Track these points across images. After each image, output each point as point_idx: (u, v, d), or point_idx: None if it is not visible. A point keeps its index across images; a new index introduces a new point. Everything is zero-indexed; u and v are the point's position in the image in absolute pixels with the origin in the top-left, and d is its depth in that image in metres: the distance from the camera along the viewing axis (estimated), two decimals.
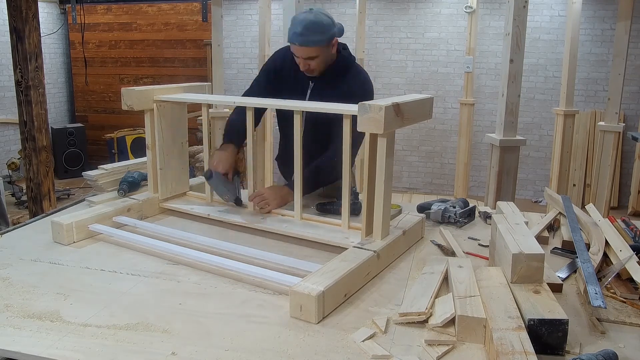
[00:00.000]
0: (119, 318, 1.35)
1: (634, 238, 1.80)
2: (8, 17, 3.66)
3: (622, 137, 5.83)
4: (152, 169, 2.17)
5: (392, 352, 1.20)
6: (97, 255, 1.76)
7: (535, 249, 1.39)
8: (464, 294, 1.34)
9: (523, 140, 3.28)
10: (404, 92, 6.88)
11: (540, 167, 6.75)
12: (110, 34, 7.74)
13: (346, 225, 1.85)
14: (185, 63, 7.55)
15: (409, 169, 7.20)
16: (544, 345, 1.19)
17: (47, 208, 3.81)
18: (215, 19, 4.77)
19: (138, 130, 7.21)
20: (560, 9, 6.36)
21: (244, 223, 1.97)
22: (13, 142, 7.12)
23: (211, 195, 2.18)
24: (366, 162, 1.67)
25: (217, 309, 1.41)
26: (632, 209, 5.86)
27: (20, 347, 1.22)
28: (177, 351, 1.20)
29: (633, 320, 1.35)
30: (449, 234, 1.95)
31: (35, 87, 3.73)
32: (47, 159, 3.86)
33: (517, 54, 3.10)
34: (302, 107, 1.88)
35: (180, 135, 2.23)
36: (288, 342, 1.25)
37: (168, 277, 1.60)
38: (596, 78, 6.43)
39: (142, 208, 2.12)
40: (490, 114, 6.68)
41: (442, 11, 6.75)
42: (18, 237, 1.93)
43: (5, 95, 7.00)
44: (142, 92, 2.07)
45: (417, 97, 1.74)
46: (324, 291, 1.34)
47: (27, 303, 1.42)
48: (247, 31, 7.35)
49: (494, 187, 3.28)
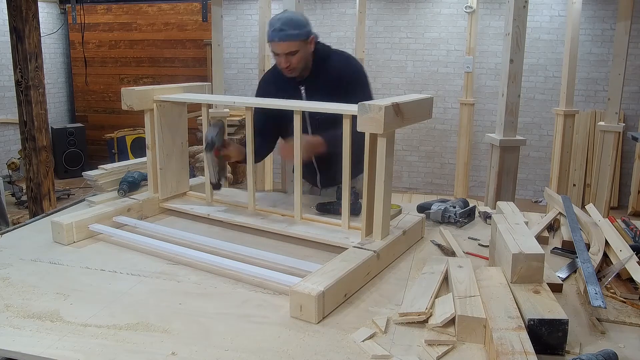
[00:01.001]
0: (119, 318, 1.35)
1: (634, 238, 1.80)
2: (8, 17, 3.66)
3: (622, 137, 5.83)
4: (152, 169, 2.17)
5: (392, 352, 1.20)
6: (97, 255, 1.76)
7: (535, 249, 1.39)
8: (464, 294, 1.34)
9: (523, 140, 3.28)
10: (404, 92, 6.88)
11: (540, 167, 6.75)
12: (110, 34, 7.74)
13: (346, 225, 1.85)
14: (185, 63, 7.55)
15: (409, 169, 7.20)
16: (544, 345, 1.19)
17: (47, 208, 3.81)
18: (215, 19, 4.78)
19: (138, 130, 7.21)
20: (560, 9, 6.36)
21: (244, 223, 1.97)
22: (13, 142, 7.12)
23: (211, 195, 2.18)
24: (366, 162, 1.67)
25: (217, 309, 1.41)
26: (632, 209, 5.86)
27: (20, 347, 1.22)
28: (177, 351, 1.20)
29: (633, 320, 1.35)
30: (449, 234, 1.95)
31: (35, 87, 3.73)
32: (47, 159, 3.86)
33: (517, 54, 3.10)
34: (304, 107, 1.88)
35: (180, 135, 2.23)
36: (288, 342, 1.25)
37: (168, 277, 1.60)
38: (596, 78, 6.43)
39: (142, 208, 2.12)
40: (490, 114, 6.68)
41: (442, 11, 6.74)
42: (18, 237, 1.93)
43: (5, 95, 7.00)
44: (142, 92, 2.07)
45: (417, 97, 1.74)
46: (324, 291, 1.34)
47: (27, 303, 1.42)
48: (247, 31, 7.35)
49: (494, 187, 3.28)
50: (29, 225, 2.09)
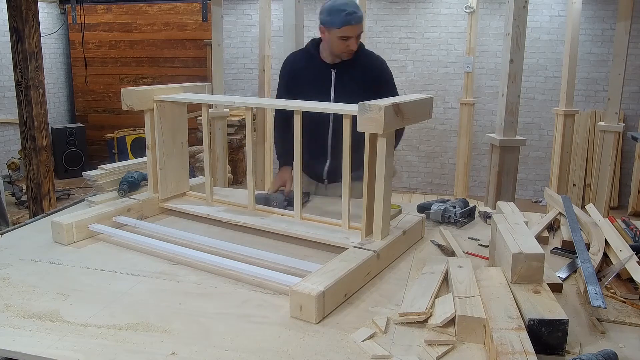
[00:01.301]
0: (119, 318, 1.35)
1: (634, 238, 1.80)
2: (8, 17, 3.66)
3: (622, 137, 5.83)
4: (152, 169, 2.17)
5: (392, 352, 1.20)
6: (97, 255, 1.76)
7: (535, 249, 1.39)
8: (464, 294, 1.34)
9: (523, 140, 3.28)
10: (404, 92, 6.85)
11: (540, 167, 6.75)
12: (110, 34, 7.74)
13: (346, 225, 1.85)
14: (185, 63, 7.55)
15: (409, 169, 7.19)
16: (544, 345, 1.19)
17: (47, 208, 3.81)
18: (215, 19, 4.77)
19: (138, 130, 7.21)
20: (560, 9, 6.36)
21: (244, 223, 1.97)
22: (13, 142, 7.12)
23: (211, 195, 2.19)
24: (366, 162, 1.67)
25: (217, 309, 1.41)
26: (632, 209, 5.86)
27: (20, 347, 1.22)
28: (177, 351, 1.20)
29: (633, 320, 1.35)
30: (449, 234, 1.95)
31: (35, 87, 3.73)
32: (47, 159, 3.86)
33: (517, 54, 3.10)
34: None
35: (180, 135, 2.23)
36: (288, 342, 1.25)
37: (168, 277, 1.60)
38: (596, 78, 6.43)
39: (142, 208, 2.12)
40: (490, 114, 6.68)
41: (442, 11, 6.74)
42: (18, 237, 1.93)
43: (5, 95, 7.00)
44: (142, 92, 2.07)
45: (417, 97, 1.74)
46: (324, 291, 1.34)
47: (27, 303, 1.42)
48: (247, 31, 7.35)
49: (494, 187, 3.28)
50: (29, 225, 2.08)
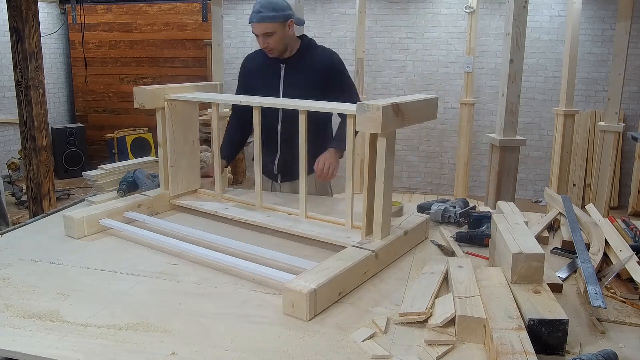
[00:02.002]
0: (119, 318, 1.35)
1: (634, 238, 1.80)
2: (8, 17, 3.66)
3: (622, 137, 5.83)
4: (164, 166, 2.21)
5: (392, 352, 1.20)
6: (97, 255, 1.76)
7: (535, 249, 1.39)
8: (464, 294, 1.34)
9: (523, 140, 3.28)
10: (404, 92, 6.88)
11: (540, 167, 6.75)
12: (110, 34, 7.74)
13: (349, 225, 1.86)
14: (185, 63, 7.55)
15: (409, 169, 7.19)
16: (544, 345, 1.19)
17: (47, 208, 3.81)
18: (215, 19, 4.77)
19: (138, 130, 7.21)
20: (560, 9, 6.36)
21: (250, 220, 1.99)
22: (13, 142, 7.11)
23: (221, 193, 2.23)
24: (366, 162, 1.67)
25: (217, 309, 1.41)
26: (632, 209, 5.85)
27: (20, 347, 1.22)
28: (177, 351, 1.20)
29: (633, 320, 1.35)
30: (449, 234, 1.95)
31: (35, 87, 3.73)
32: (47, 159, 3.86)
33: (517, 54, 3.10)
34: (304, 106, 1.89)
35: (191, 133, 2.27)
36: (288, 342, 1.25)
37: (168, 277, 1.60)
38: (596, 78, 6.42)
39: (152, 204, 2.16)
40: (490, 114, 6.67)
41: (442, 11, 6.74)
42: (18, 237, 1.93)
43: (5, 95, 7.00)
44: (154, 91, 2.12)
45: (420, 97, 1.74)
46: (315, 289, 1.34)
47: (27, 303, 1.42)
48: (247, 31, 7.34)
49: (494, 187, 3.28)
50: (29, 225, 2.09)
